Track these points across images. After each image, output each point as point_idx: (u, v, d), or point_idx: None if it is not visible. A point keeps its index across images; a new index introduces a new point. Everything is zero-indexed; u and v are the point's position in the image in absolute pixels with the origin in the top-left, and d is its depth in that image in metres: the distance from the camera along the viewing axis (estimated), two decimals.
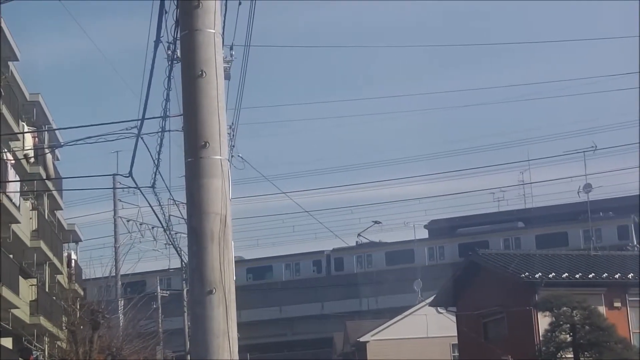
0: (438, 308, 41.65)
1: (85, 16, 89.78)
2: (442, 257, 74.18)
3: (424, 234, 79.66)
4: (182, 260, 34.99)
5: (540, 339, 29.08)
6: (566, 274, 32.07)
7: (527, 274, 31.86)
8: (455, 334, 38.93)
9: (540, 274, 31.68)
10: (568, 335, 27.77)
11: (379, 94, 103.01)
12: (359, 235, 76.00)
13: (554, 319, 28.10)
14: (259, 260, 76.11)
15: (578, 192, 57.59)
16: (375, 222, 47.27)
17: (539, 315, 29.61)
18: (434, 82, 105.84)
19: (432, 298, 43.09)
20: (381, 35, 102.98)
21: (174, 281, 64.12)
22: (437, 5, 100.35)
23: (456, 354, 43.32)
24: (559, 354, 27.98)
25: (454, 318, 39.05)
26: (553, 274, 31.86)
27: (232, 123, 16.34)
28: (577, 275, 32.08)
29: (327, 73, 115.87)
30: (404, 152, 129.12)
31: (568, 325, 27.75)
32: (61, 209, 43.98)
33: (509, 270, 32.99)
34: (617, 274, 32.34)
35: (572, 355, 27.82)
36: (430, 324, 48.38)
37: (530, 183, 66.99)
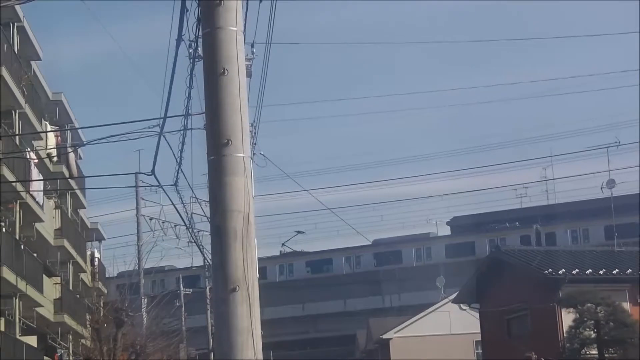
0: (461, 305, 41.51)
1: (107, 16, 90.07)
2: (358, 266, 78.32)
3: (446, 230, 79.82)
4: (204, 259, 35.05)
5: (564, 335, 28.97)
6: (590, 270, 31.87)
7: (550, 270, 31.71)
8: (479, 330, 38.82)
9: (563, 270, 31.51)
10: (592, 332, 27.65)
11: (398, 91, 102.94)
12: (283, 244, 79.19)
13: (578, 315, 27.98)
14: (189, 269, 76.13)
15: (601, 188, 57.25)
16: (299, 232, 48.70)
17: (563, 311, 29.48)
18: (455, 79, 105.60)
19: (454, 295, 42.97)
20: (401, 33, 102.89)
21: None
22: (454, 4, 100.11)
23: (480, 350, 43.20)
24: (583, 350, 27.86)
25: (477, 315, 38.92)
26: (577, 270, 31.69)
27: (254, 121, 16.35)
28: (601, 272, 31.88)
29: (346, 71, 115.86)
30: (426, 149, 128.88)
31: (592, 322, 27.63)
32: (84, 207, 44.20)
33: (533, 266, 32.86)
34: None
35: (596, 352, 27.69)
36: (454, 321, 48.25)
37: (553, 179, 66.72)
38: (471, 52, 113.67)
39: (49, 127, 34.78)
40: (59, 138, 37.50)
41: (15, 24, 30.66)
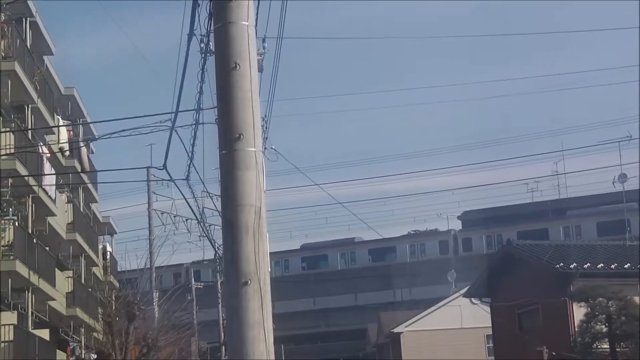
0: (472, 299, 41.51)
1: (119, 13, 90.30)
2: (286, 270, 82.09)
3: (457, 225, 79.85)
4: (216, 253, 35.09)
5: (576, 330, 28.93)
6: (601, 265, 31.78)
7: (562, 264, 31.65)
8: (490, 325, 38.79)
9: (575, 264, 31.44)
10: (604, 326, 27.59)
11: (410, 87, 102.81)
12: (219, 247, 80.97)
13: (589, 309, 27.92)
14: (131, 272, 76.67)
15: (613, 182, 57.20)
16: None
17: (574, 305, 29.43)
18: (466, 73, 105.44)
19: (466, 289, 42.96)
20: (412, 30, 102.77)
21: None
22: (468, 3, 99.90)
23: (491, 345, 43.19)
24: (595, 344, 27.81)
25: (488, 309, 38.90)
26: (588, 264, 31.61)
27: (265, 115, 16.34)
28: (613, 266, 31.79)
29: (356, 67, 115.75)
30: (437, 144, 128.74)
31: (604, 316, 27.57)
32: (96, 201, 44.31)
33: (544, 261, 32.80)
34: None
35: (608, 346, 27.64)
36: (465, 315, 48.26)
37: (565, 173, 66.75)
38: (483, 47, 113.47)
39: (61, 122, 34.85)
40: (71, 132, 37.56)
41: (28, 19, 30.74)
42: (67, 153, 35.34)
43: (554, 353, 30.06)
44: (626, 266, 31.80)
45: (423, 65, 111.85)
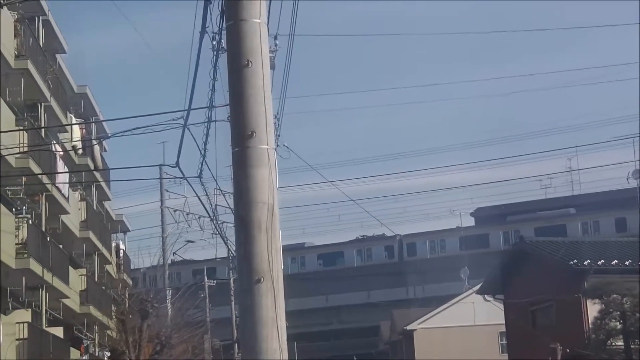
0: (485, 296, 41.42)
1: (131, 10, 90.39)
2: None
3: (470, 221, 79.72)
4: (229, 250, 35.13)
5: (590, 326, 28.83)
6: (616, 261, 31.65)
7: (575, 261, 31.52)
8: (503, 322, 38.70)
9: (589, 260, 31.31)
10: (618, 323, 27.49)
11: (422, 83, 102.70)
12: (174, 253, 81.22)
13: (603, 306, 27.83)
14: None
15: (627, 178, 57.10)
16: (189, 242, 49.45)
17: (588, 302, 29.33)
18: (474, 71, 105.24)
19: (479, 286, 42.87)
20: (422, 25, 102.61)
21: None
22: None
23: (504, 342, 43.10)
24: (609, 341, 27.72)
25: (501, 306, 38.81)
26: (602, 260, 31.47)
27: (277, 112, 16.33)
28: (627, 262, 31.64)
29: (366, 64, 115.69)
30: (450, 140, 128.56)
31: (618, 313, 27.47)
32: (109, 199, 44.40)
33: (558, 257, 32.70)
34: None
35: (622, 343, 27.54)
36: (478, 312, 48.16)
37: (578, 169, 66.62)
38: (489, 44, 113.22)
39: (74, 120, 34.94)
40: (84, 130, 37.66)
41: (41, 17, 30.83)
42: (80, 151, 35.44)
43: (567, 350, 29.97)
44: None
45: (430, 62, 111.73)
